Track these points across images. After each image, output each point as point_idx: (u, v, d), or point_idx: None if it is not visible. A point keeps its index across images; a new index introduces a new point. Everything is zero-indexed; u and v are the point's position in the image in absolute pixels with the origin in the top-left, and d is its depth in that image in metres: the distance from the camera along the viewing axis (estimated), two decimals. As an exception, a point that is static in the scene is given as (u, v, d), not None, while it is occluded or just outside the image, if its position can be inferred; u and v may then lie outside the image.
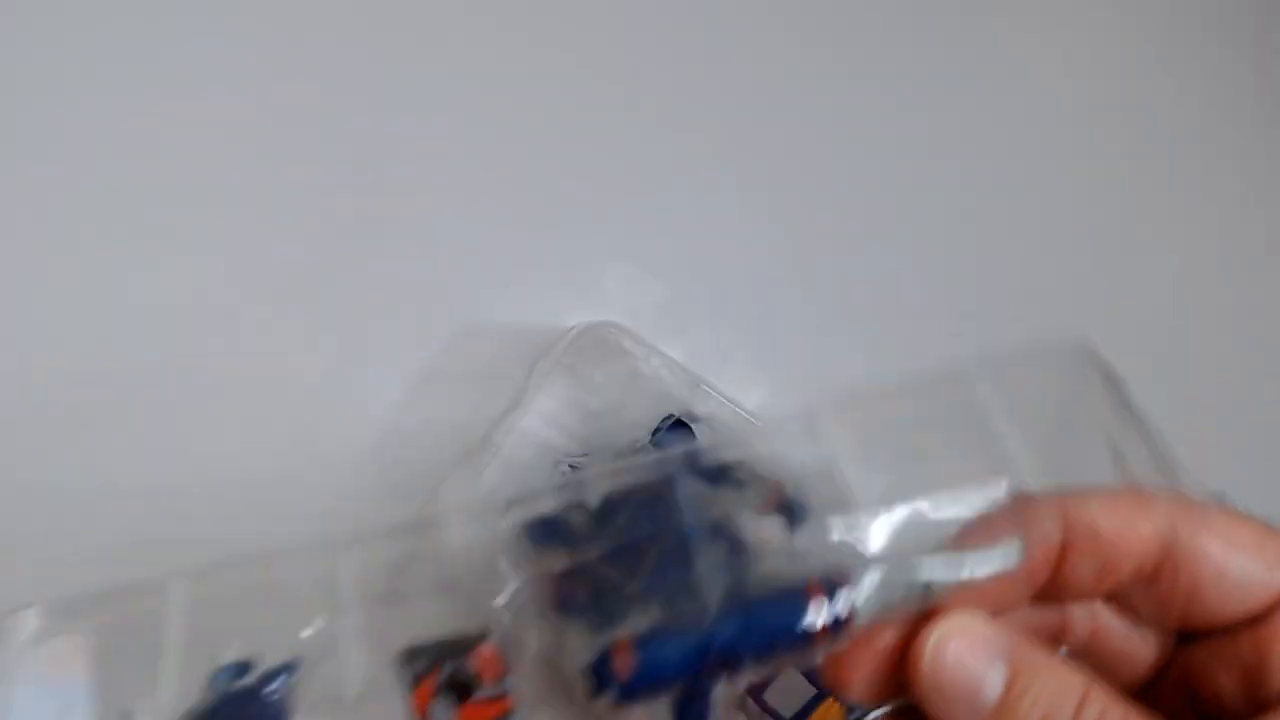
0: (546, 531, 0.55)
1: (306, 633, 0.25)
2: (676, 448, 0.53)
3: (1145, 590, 0.24)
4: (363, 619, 0.26)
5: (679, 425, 0.54)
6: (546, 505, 0.48)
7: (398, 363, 0.58)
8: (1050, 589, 0.25)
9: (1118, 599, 0.25)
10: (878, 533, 0.25)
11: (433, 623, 0.28)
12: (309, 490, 0.59)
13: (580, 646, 0.28)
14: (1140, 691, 0.25)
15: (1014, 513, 0.24)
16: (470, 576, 0.27)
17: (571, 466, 0.54)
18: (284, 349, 0.59)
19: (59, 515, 0.57)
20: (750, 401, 0.57)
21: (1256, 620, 0.23)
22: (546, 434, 0.57)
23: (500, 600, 0.29)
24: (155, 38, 0.58)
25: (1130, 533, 0.24)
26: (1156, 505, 0.24)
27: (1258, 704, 0.23)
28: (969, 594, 0.24)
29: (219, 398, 0.58)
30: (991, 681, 0.23)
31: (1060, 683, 0.22)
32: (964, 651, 0.23)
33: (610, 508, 0.52)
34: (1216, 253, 0.71)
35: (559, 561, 0.54)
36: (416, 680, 0.28)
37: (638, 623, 0.28)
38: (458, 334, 0.58)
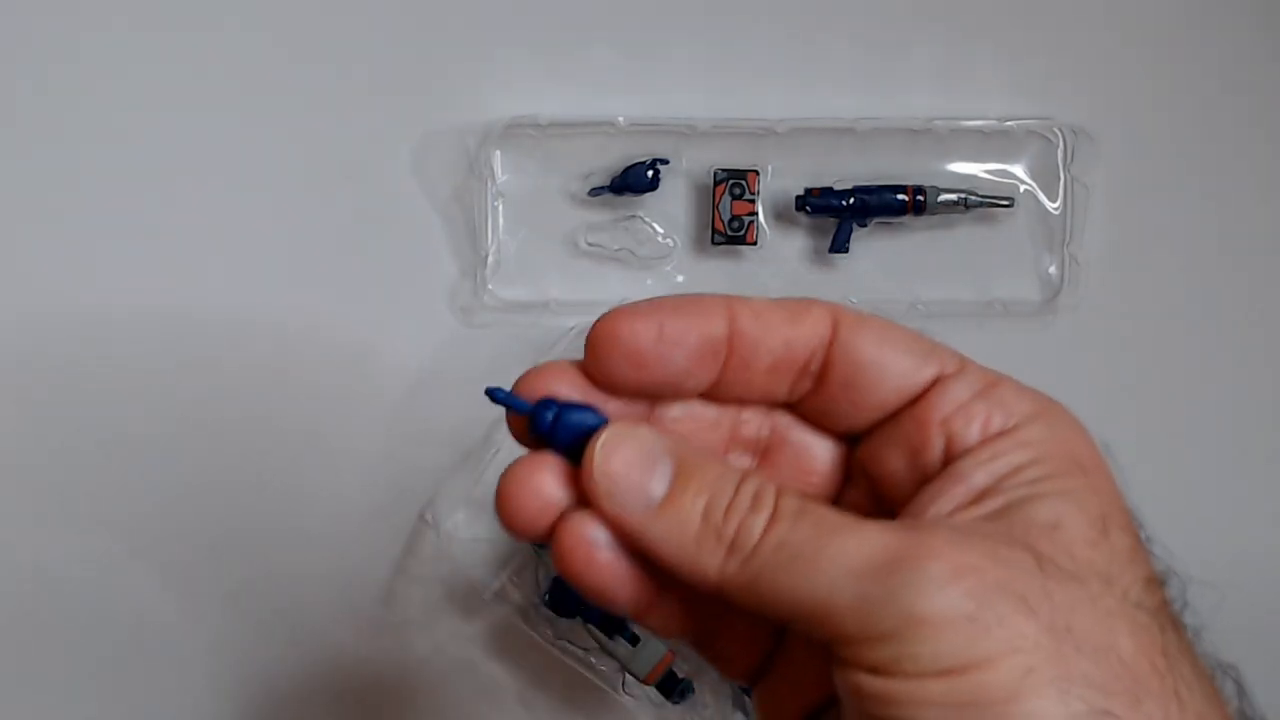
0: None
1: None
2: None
3: (816, 391, 0.26)
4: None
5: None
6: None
7: (397, 363, 0.58)
8: (723, 387, 0.26)
9: (795, 406, 0.27)
10: None
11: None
12: (309, 490, 0.59)
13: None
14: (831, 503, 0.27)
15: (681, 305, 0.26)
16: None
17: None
18: (283, 349, 0.58)
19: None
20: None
21: (913, 402, 0.26)
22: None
23: None
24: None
25: (791, 330, 0.26)
26: (816, 308, 0.26)
27: (922, 474, 0.25)
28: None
29: (219, 398, 0.59)
30: (658, 478, 0.25)
31: (720, 471, 0.25)
32: (629, 456, 0.25)
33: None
34: None
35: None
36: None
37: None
38: (457, 334, 0.58)
